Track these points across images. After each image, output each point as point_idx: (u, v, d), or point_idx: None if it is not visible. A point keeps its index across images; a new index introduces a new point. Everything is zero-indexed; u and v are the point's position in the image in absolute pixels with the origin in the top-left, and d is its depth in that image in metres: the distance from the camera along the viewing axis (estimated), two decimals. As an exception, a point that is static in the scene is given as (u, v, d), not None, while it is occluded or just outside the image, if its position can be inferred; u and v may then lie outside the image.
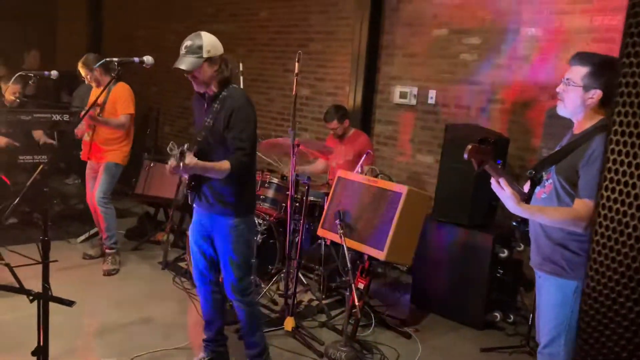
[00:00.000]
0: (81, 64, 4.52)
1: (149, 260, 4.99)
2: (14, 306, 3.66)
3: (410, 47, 5.23)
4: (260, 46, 6.65)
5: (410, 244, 3.62)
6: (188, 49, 2.79)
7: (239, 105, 2.81)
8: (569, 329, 2.36)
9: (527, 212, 2.30)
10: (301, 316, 3.97)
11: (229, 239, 2.94)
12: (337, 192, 3.83)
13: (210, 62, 2.80)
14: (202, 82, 2.85)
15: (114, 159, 4.64)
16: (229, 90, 2.88)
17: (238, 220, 2.93)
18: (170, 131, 8.31)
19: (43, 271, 2.29)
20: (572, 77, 2.32)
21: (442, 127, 4.58)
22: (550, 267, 2.40)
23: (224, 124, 2.81)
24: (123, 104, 4.57)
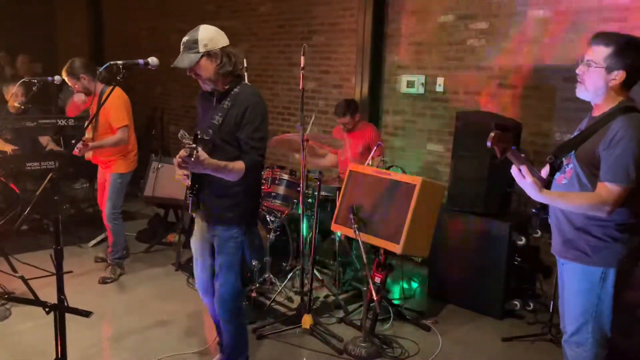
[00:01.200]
0: (65, 72, 4.20)
1: (162, 262, 4.96)
2: (30, 315, 3.64)
3: (415, 34, 5.15)
4: (263, 41, 6.58)
5: (426, 235, 3.57)
6: (185, 45, 2.62)
7: (253, 103, 2.65)
8: (596, 316, 2.33)
9: (549, 199, 2.27)
10: (318, 313, 3.93)
11: (225, 250, 2.78)
12: (350, 186, 3.77)
13: (209, 57, 2.60)
14: (206, 79, 2.65)
15: (118, 170, 4.44)
16: (241, 87, 2.72)
17: (237, 231, 2.75)
18: (175, 131, 8.27)
19: (57, 282, 2.24)
20: (594, 58, 2.25)
21: (452, 115, 4.51)
22: (573, 254, 2.35)
23: (236, 122, 2.63)
24: (115, 117, 4.24)
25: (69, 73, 4.19)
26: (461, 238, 4.15)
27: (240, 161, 2.62)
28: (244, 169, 2.60)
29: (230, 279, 2.79)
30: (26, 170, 5.07)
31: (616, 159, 2.16)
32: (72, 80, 4.21)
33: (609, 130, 2.19)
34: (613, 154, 2.17)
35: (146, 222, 5.79)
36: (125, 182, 4.54)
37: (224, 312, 2.87)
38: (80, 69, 4.17)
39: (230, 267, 2.78)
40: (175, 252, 4.87)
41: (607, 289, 2.29)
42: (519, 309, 4.01)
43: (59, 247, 2.38)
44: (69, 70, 4.19)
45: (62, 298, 2.25)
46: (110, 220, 4.48)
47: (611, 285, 2.28)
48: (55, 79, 4.02)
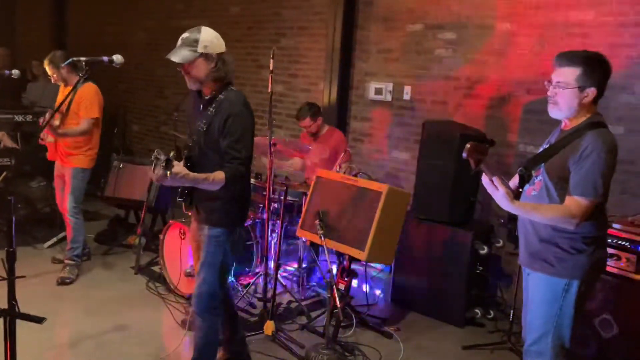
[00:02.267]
0: (47, 61, 4.32)
1: (121, 265, 4.83)
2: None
3: (385, 42, 5.18)
4: (232, 42, 6.42)
5: (391, 243, 3.57)
6: (184, 41, 2.66)
7: (236, 112, 2.66)
8: (557, 327, 2.37)
9: (521, 210, 2.30)
10: (281, 319, 3.89)
11: (208, 248, 2.82)
12: (316, 191, 3.75)
13: (206, 59, 2.66)
14: (195, 78, 2.70)
15: (80, 164, 4.40)
16: (227, 94, 2.73)
17: (221, 231, 2.81)
18: (139, 130, 8.11)
19: (9, 287, 2.14)
20: (565, 79, 2.31)
21: (419, 124, 4.55)
22: (539, 265, 2.40)
23: (219, 130, 2.65)
24: (86, 107, 4.30)
25: (51, 62, 4.32)
26: (425, 246, 4.18)
27: (220, 172, 2.62)
28: (224, 180, 2.61)
29: (208, 277, 2.83)
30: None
31: (585, 173, 2.22)
32: (53, 69, 4.33)
33: (579, 145, 2.25)
34: (582, 169, 2.22)
35: (106, 224, 5.64)
36: (87, 177, 4.50)
37: (199, 308, 2.87)
38: (61, 59, 4.29)
39: (210, 266, 2.82)
40: (135, 255, 4.75)
41: (569, 300, 2.34)
42: (480, 317, 4.06)
43: (11, 249, 2.28)
44: (51, 59, 4.33)
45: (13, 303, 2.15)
46: (71, 215, 4.42)
47: (573, 297, 2.33)
48: (14, 73, 3.88)
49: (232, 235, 2.88)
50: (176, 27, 7.25)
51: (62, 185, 4.54)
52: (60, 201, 4.58)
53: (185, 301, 4.04)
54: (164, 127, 6.18)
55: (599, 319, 3.22)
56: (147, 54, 7.62)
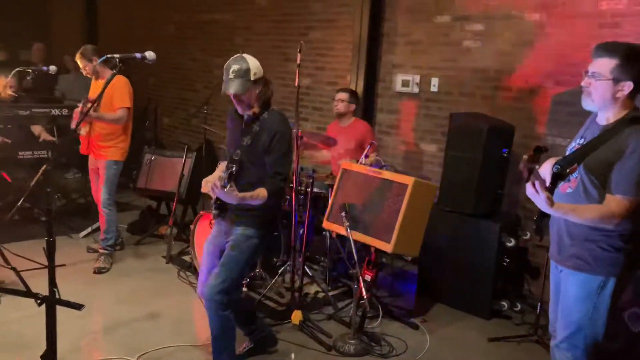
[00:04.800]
0: (79, 55, 4.41)
1: (153, 255, 4.96)
2: (19, 305, 3.63)
3: (412, 34, 5.16)
4: (258, 35, 6.56)
5: (417, 235, 3.58)
6: (236, 73, 2.82)
7: (281, 130, 2.88)
8: (591, 324, 2.33)
9: (560, 212, 2.23)
10: (308, 309, 3.95)
11: (239, 246, 2.94)
12: (342, 184, 3.78)
13: (256, 84, 2.86)
14: (247, 104, 2.90)
15: (113, 157, 4.52)
16: (270, 114, 2.94)
17: (254, 232, 2.95)
18: (169, 123, 8.24)
19: (49, 275, 2.24)
20: (599, 70, 2.25)
21: (446, 116, 4.54)
22: (575, 263, 2.35)
23: (264, 147, 2.86)
24: (120, 97, 4.41)
25: (82, 55, 4.40)
26: (451, 238, 4.18)
27: (263, 189, 2.83)
28: (266, 196, 2.82)
29: (227, 273, 2.91)
30: (18, 159, 5.05)
31: (628, 172, 2.15)
32: (84, 62, 4.40)
33: (620, 142, 2.18)
34: (624, 167, 2.16)
35: (138, 214, 5.78)
36: (119, 169, 4.61)
37: (209, 302, 2.93)
38: (92, 52, 4.39)
39: (232, 263, 2.93)
40: (167, 245, 4.87)
41: (604, 297, 2.30)
42: (507, 309, 4.05)
43: (51, 239, 2.38)
44: (83, 53, 4.40)
45: (54, 290, 2.25)
46: (105, 206, 4.55)
47: (609, 294, 2.29)
48: (50, 69, 4.00)
49: (262, 239, 3.01)
50: (205, 21, 7.42)
51: (96, 177, 4.67)
52: (96, 193, 4.72)
53: (215, 290, 4.12)
54: (194, 120, 6.27)
55: (628, 312, 3.19)
56: (176, 47, 7.74)
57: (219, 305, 2.91)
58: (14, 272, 2.52)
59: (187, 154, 5.14)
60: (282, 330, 3.64)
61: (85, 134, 4.54)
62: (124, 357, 3.23)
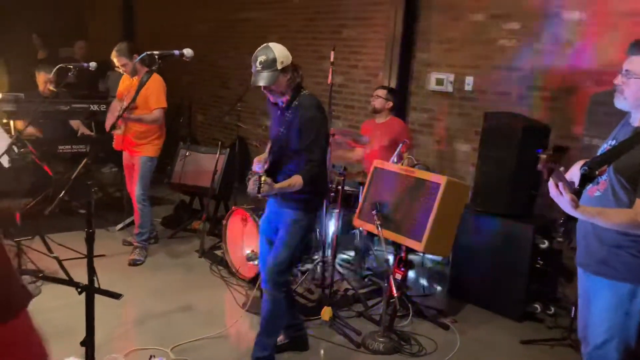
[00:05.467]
0: (115, 52, 4.41)
1: (186, 249, 5.06)
2: (58, 294, 3.74)
3: (446, 32, 5.12)
4: (292, 33, 6.60)
5: (449, 235, 3.56)
6: (263, 64, 2.83)
7: (310, 116, 2.89)
8: (623, 331, 2.27)
9: (586, 215, 2.16)
10: (338, 306, 3.97)
11: (288, 230, 3.02)
12: (374, 182, 3.79)
13: (284, 72, 2.86)
14: (278, 93, 2.92)
15: (148, 153, 4.60)
16: (300, 99, 2.95)
17: (302, 215, 3.01)
18: (203, 120, 8.37)
19: (89, 264, 2.32)
20: (634, 68, 2.19)
21: (480, 115, 4.49)
22: (603, 269, 2.28)
23: (296, 134, 2.90)
24: (156, 97, 4.45)
25: (122, 52, 4.38)
26: (484, 239, 4.14)
27: (298, 176, 2.89)
28: (302, 184, 2.88)
29: (282, 254, 3.02)
30: (58, 153, 5.22)
31: None
32: (124, 60, 4.39)
33: None
34: None
35: (172, 209, 5.89)
36: (154, 166, 4.70)
37: (267, 282, 3.06)
38: (130, 49, 4.39)
39: (287, 246, 3.02)
40: (200, 240, 4.95)
41: (636, 304, 2.23)
42: (539, 312, 3.99)
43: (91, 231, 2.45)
44: (122, 50, 4.38)
45: (93, 279, 2.33)
46: (139, 201, 4.65)
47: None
48: (91, 65, 4.10)
49: (311, 221, 3.09)
50: (238, 20, 7.50)
51: (132, 173, 4.77)
52: (131, 188, 4.82)
53: (247, 284, 4.19)
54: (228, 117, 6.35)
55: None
56: (210, 45, 7.85)
57: (275, 285, 3.03)
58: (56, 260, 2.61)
59: (220, 151, 5.21)
60: (312, 326, 3.67)
61: (121, 132, 4.59)
62: (158, 348, 3.30)
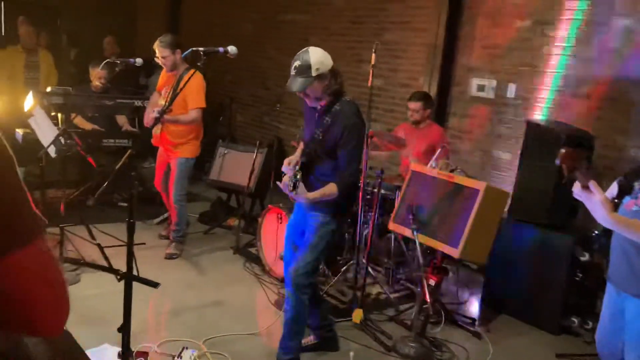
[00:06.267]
0: (159, 43, 4.30)
1: (221, 245, 5.12)
2: (97, 282, 3.87)
3: (490, 38, 5.05)
4: (334, 36, 6.63)
5: (486, 242, 3.50)
6: (297, 70, 2.85)
7: (351, 124, 2.89)
8: None
9: (620, 225, 2.03)
10: (369, 309, 3.95)
11: (315, 233, 3.02)
12: (411, 186, 3.76)
13: (320, 79, 2.85)
14: (314, 98, 2.93)
15: (185, 154, 4.57)
16: (341, 105, 2.94)
17: (329, 219, 3.00)
18: (242, 119, 8.47)
19: (128, 252, 2.38)
20: None
21: (522, 122, 4.42)
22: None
23: (335, 140, 2.89)
24: (195, 97, 4.36)
25: (166, 45, 4.28)
26: (521, 248, 4.06)
27: (333, 184, 2.91)
28: (336, 192, 2.89)
29: (308, 257, 3.02)
30: (102, 147, 5.38)
31: None
32: (167, 52, 4.28)
33: None
34: None
35: (208, 205, 5.98)
36: (191, 166, 4.70)
37: (291, 284, 3.06)
38: (174, 42, 4.32)
39: (312, 248, 3.02)
40: (235, 236, 5.01)
41: None
42: (577, 326, 3.89)
43: (132, 220, 2.52)
44: (166, 42, 4.29)
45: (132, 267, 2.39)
46: (176, 202, 4.66)
47: None
48: (137, 61, 4.21)
49: (339, 224, 3.08)
50: (281, 21, 7.57)
51: (165, 170, 4.73)
52: (159, 183, 4.83)
53: (279, 283, 4.22)
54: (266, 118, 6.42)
55: None
56: (252, 46, 7.94)
57: (298, 287, 3.02)
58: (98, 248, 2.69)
59: (258, 150, 5.27)
60: (342, 327, 3.67)
61: (159, 131, 4.55)
62: (190, 340, 3.35)
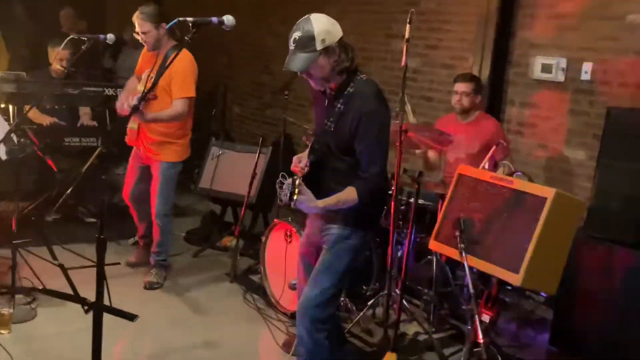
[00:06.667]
0: (139, 15, 4.28)
1: (214, 271, 5.14)
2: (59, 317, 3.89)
3: (557, 5, 5.03)
4: (357, 5, 6.64)
5: (556, 265, 3.47)
6: (297, 43, 2.77)
7: (370, 109, 2.82)
8: None
9: None
10: (405, 353, 3.94)
11: (333, 250, 2.99)
12: (458, 194, 3.74)
13: (327, 53, 2.80)
14: (319, 79, 2.87)
15: (169, 158, 4.55)
16: (356, 85, 2.89)
17: (351, 232, 2.98)
18: (240, 112, 8.51)
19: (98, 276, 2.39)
20: None
21: (601, 112, 4.39)
22: None
23: (350, 132, 2.83)
24: (182, 84, 4.30)
25: (148, 17, 4.25)
26: (601, 273, 4.02)
27: (352, 188, 2.83)
28: (355, 199, 2.83)
29: (323, 282, 2.98)
30: (63, 146, 5.41)
31: None
32: (148, 26, 4.25)
33: None
34: None
35: (198, 220, 6.01)
36: (178, 171, 4.70)
37: (303, 317, 3.02)
38: (161, 16, 4.28)
39: (331, 271, 2.99)
40: (232, 260, 5.02)
41: None
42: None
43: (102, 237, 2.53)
44: (148, 13, 4.26)
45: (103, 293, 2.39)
46: (159, 217, 4.66)
47: None
48: (108, 38, 4.22)
49: (364, 238, 3.06)
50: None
51: (137, 174, 4.71)
52: (128, 191, 4.77)
53: (289, 319, 4.22)
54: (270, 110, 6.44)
55: None
56: (253, 20, 7.99)
57: (313, 323, 2.99)
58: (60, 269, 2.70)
59: (260, 149, 5.26)
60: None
61: (136, 126, 4.50)
62: (176, 391, 3.37)
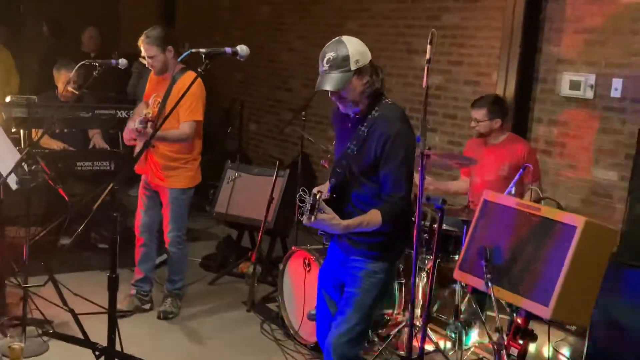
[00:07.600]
0: (146, 39, 4.34)
1: (231, 299, 5.15)
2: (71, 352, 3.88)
3: (586, 19, 5.01)
4: (377, 19, 6.66)
5: (588, 297, 3.44)
6: (332, 64, 2.82)
7: (395, 132, 2.85)
8: None
9: None
10: (429, 387, 3.91)
11: (359, 285, 2.98)
12: (483, 220, 3.72)
13: (360, 74, 2.86)
14: (351, 101, 2.91)
15: (179, 184, 4.55)
16: (381, 109, 2.93)
17: (378, 265, 2.98)
18: (257, 130, 8.54)
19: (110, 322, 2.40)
20: None
21: (633, 131, 4.37)
22: None
23: (374, 155, 2.86)
24: (189, 107, 4.34)
25: (154, 41, 4.32)
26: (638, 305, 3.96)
27: (376, 211, 2.84)
28: (380, 222, 2.83)
29: (352, 319, 2.99)
30: (75, 171, 5.46)
31: None
32: (154, 51, 4.33)
33: None
34: None
35: (214, 245, 6.02)
36: (190, 197, 4.72)
37: (332, 355, 3.01)
38: (166, 37, 4.34)
39: (358, 306, 2.99)
40: (249, 288, 5.01)
41: None
42: None
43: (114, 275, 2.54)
44: (154, 37, 4.33)
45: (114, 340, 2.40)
46: (173, 245, 4.68)
47: None
48: (120, 63, 4.26)
49: (391, 272, 3.08)
50: (308, 1, 7.63)
51: (149, 204, 4.71)
52: (141, 221, 4.74)
53: (309, 352, 4.20)
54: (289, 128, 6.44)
55: None
56: (270, 34, 8.03)
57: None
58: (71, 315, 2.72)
59: (278, 172, 5.28)
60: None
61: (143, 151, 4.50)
62: None
